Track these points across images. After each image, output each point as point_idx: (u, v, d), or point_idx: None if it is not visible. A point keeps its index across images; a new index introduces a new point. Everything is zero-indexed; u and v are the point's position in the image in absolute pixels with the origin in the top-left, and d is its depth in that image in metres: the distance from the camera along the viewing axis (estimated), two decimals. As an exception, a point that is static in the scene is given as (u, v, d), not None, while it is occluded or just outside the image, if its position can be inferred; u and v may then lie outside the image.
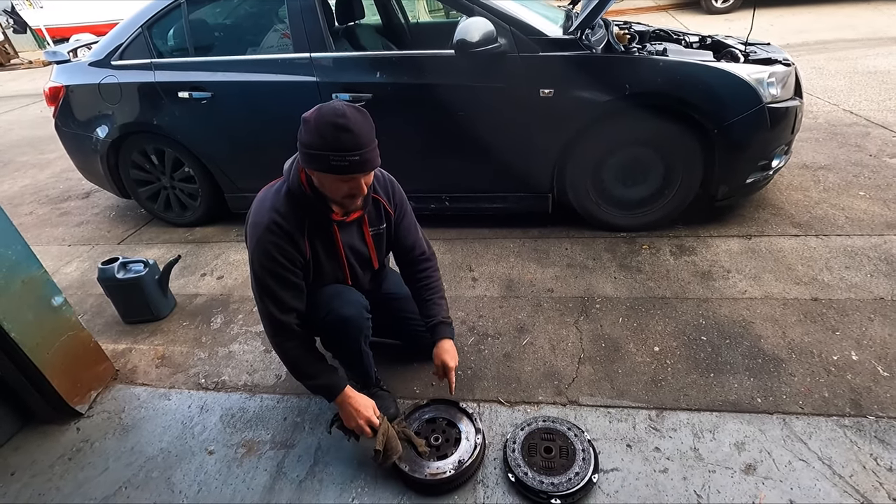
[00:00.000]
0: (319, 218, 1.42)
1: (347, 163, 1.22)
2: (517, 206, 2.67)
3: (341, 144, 1.21)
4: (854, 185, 2.81)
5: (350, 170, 1.24)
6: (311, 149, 1.24)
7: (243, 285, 2.55)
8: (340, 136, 1.20)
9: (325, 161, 1.23)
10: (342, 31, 2.98)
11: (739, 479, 1.39)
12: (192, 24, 2.76)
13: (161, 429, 1.77)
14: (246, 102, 2.69)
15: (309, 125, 1.23)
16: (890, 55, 5.03)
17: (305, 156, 1.27)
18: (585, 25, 2.25)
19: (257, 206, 1.42)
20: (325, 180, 1.30)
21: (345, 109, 1.22)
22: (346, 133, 1.20)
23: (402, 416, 1.62)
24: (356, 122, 1.22)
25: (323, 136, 1.21)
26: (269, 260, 1.37)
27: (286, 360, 1.50)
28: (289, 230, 1.36)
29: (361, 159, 1.24)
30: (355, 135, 1.21)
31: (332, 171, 1.24)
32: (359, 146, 1.22)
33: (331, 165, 1.23)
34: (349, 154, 1.21)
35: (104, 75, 2.85)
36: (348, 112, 1.22)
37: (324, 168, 1.25)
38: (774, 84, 2.27)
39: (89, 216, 3.60)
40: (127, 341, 2.24)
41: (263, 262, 1.37)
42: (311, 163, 1.26)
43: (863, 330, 1.85)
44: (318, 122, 1.21)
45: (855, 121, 3.65)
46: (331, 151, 1.21)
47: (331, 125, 1.20)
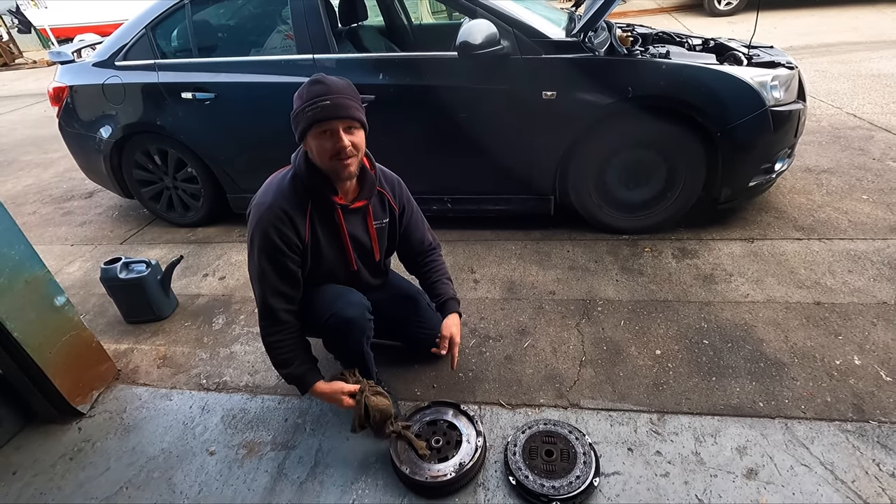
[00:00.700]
0: (323, 201, 1.44)
1: (319, 107, 1.28)
2: (519, 208, 2.67)
3: (313, 94, 1.29)
4: (857, 189, 2.80)
5: (322, 115, 1.29)
6: (294, 113, 1.33)
7: (245, 286, 2.56)
8: (313, 87, 1.30)
9: (304, 117, 1.30)
10: (345, 33, 2.99)
11: (741, 483, 1.39)
12: (195, 25, 2.77)
13: (162, 429, 1.78)
14: (249, 103, 2.69)
15: (296, 94, 1.33)
16: (894, 58, 5.02)
17: (294, 123, 1.34)
18: (588, 28, 2.25)
19: (263, 188, 1.47)
20: (313, 145, 1.35)
21: (323, 74, 1.34)
22: (318, 85, 1.30)
23: (404, 417, 1.62)
24: (330, 79, 1.32)
25: (301, 94, 1.31)
26: (266, 241, 1.39)
27: (268, 345, 1.52)
28: (290, 213, 1.40)
29: (333, 103, 1.29)
30: (327, 85, 1.30)
31: (308, 123, 1.31)
32: (328, 92, 1.29)
33: (307, 117, 1.30)
34: (320, 99, 1.28)
35: (108, 76, 2.86)
36: (325, 75, 1.33)
37: (305, 124, 1.31)
38: (777, 87, 2.27)
39: (92, 216, 3.61)
40: (129, 341, 2.24)
41: (262, 242, 1.40)
42: (297, 126, 1.33)
43: (865, 334, 1.84)
44: (302, 88, 1.33)
45: (858, 124, 3.64)
46: (306, 104, 1.29)
47: (307, 84, 1.32)
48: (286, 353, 1.51)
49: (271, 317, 1.47)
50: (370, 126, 2.62)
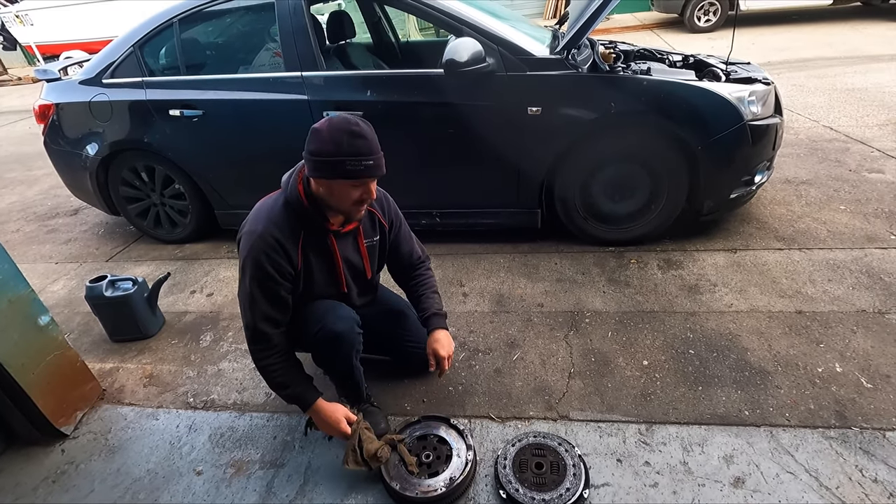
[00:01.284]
0: (316, 229, 1.44)
1: (363, 167, 1.28)
2: (507, 221, 2.70)
3: (356, 149, 1.27)
4: (835, 200, 2.87)
5: (365, 173, 1.30)
6: (324, 156, 1.28)
7: (233, 302, 2.54)
8: (355, 141, 1.27)
9: (341, 167, 1.28)
10: (333, 50, 3.02)
11: (728, 492, 1.40)
12: (183, 43, 2.78)
13: (148, 449, 1.75)
14: (237, 120, 2.71)
15: (321, 134, 1.28)
16: (867, 73, 5.19)
17: (317, 164, 1.30)
18: (572, 45, 2.31)
19: (254, 215, 1.45)
20: (335, 188, 1.33)
21: (356, 119, 1.30)
22: (361, 139, 1.28)
23: (394, 432, 1.61)
24: (367, 130, 1.30)
25: (338, 142, 1.26)
26: (259, 269, 1.38)
27: (262, 369, 1.50)
28: (282, 241, 1.39)
29: (375, 163, 1.31)
30: (369, 141, 1.29)
31: (347, 175, 1.29)
32: (372, 151, 1.30)
33: (346, 170, 1.28)
34: (364, 158, 1.28)
35: (95, 93, 2.86)
36: (360, 122, 1.30)
37: (339, 174, 1.29)
38: (755, 102, 2.33)
39: (77, 233, 3.58)
40: (114, 360, 2.21)
41: (254, 271, 1.39)
42: (324, 170, 1.30)
43: (846, 342, 1.88)
44: (332, 130, 1.27)
45: (835, 136, 3.75)
46: (347, 157, 1.27)
47: (345, 132, 1.27)
48: (281, 374, 1.49)
49: (263, 341, 1.46)
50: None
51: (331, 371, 1.67)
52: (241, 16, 2.99)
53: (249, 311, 1.43)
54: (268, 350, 1.47)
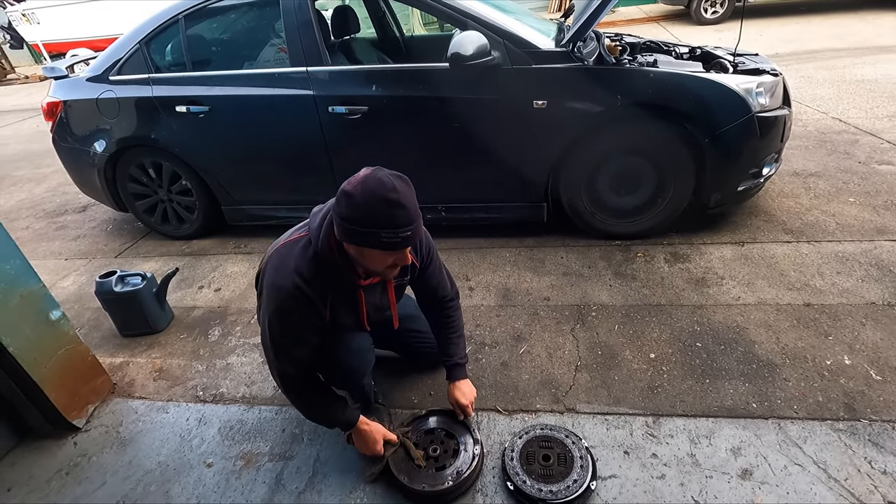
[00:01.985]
0: (344, 283, 1.36)
1: (400, 239, 1.15)
2: (513, 215, 2.70)
3: (394, 221, 1.13)
4: (844, 192, 2.85)
5: (401, 245, 1.18)
6: (357, 225, 1.15)
7: (241, 297, 2.56)
8: (393, 212, 1.12)
9: (375, 238, 1.15)
10: (338, 45, 3.02)
11: (736, 484, 1.40)
12: (189, 40, 2.79)
13: (159, 442, 1.77)
14: (243, 116, 2.71)
15: (354, 200, 1.13)
16: (876, 64, 5.12)
17: (349, 231, 1.17)
18: (577, 38, 2.29)
19: (279, 263, 1.32)
20: (367, 253, 1.22)
21: (393, 182, 1.13)
22: (399, 209, 1.13)
23: (401, 424, 1.62)
24: (406, 195, 1.14)
25: (373, 213, 1.12)
26: (288, 323, 1.33)
27: (302, 408, 1.49)
28: (312, 297, 1.29)
29: (413, 233, 1.17)
30: (408, 210, 1.14)
31: (381, 247, 1.17)
32: (410, 220, 1.15)
33: (381, 242, 1.15)
34: (402, 230, 1.14)
35: (102, 90, 2.88)
36: (398, 185, 1.13)
37: (372, 245, 1.17)
38: (763, 94, 2.31)
39: (86, 230, 3.61)
40: (124, 354, 2.23)
41: (281, 326, 1.33)
42: (356, 238, 1.18)
43: (855, 334, 1.87)
44: (367, 197, 1.12)
45: (844, 128, 3.71)
46: (382, 229, 1.13)
47: (382, 201, 1.12)
48: (324, 406, 1.48)
49: (299, 384, 1.44)
50: (364, 136, 2.65)
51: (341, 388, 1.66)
52: (245, 11, 2.99)
53: (277, 361, 1.38)
54: (304, 389, 1.46)
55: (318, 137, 2.62)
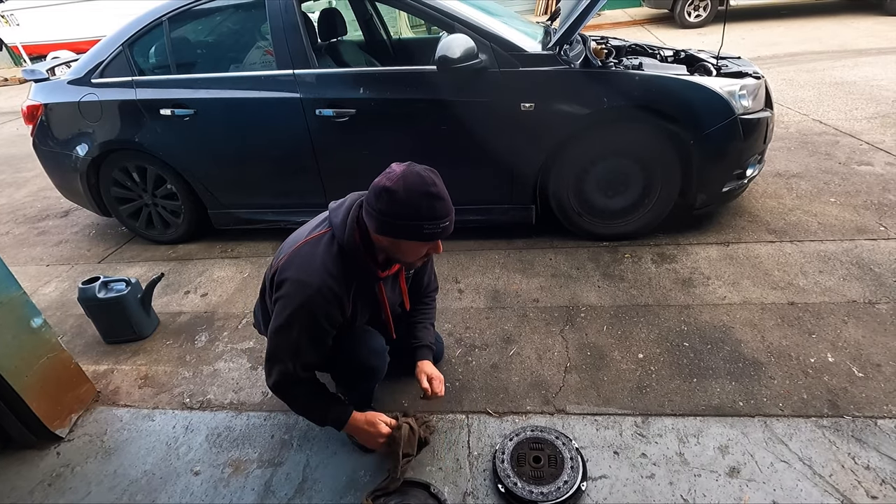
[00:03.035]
0: (367, 277, 1.38)
1: (441, 229, 1.22)
2: (501, 217, 2.71)
3: (436, 213, 1.20)
4: (825, 192, 2.90)
5: (441, 235, 1.24)
6: (401, 219, 1.20)
7: (228, 302, 2.53)
8: (435, 204, 1.19)
9: (418, 230, 1.21)
10: (325, 48, 3.01)
11: (724, 482, 1.42)
12: (173, 42, 2.76)
13: (145, 450, 1.74)
14: (229, 119, 2.69)
15: (397, 196, 1.17)
16: (855, 67, 5.24)
17: (391, 225, 1.21)
18: (564, 41, 2.31)
19: (304, 261, 1.32)
20: (404, 245, 1.27)
21: (432, 177, 1.20)
22: (440, 201, 1.20)
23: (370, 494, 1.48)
24: (442, 187, 1.21)
25: (417, 206, 1.18)
26: (313, 322, 1.32)
27: (295, 406, 1.47)
28: (339, 294, 1.31)
29: (451, 223, 1.24)
30: (446, 202, 1.22)
31: (423, 238, 1.23)
32: (449, 211, 1.23)
33: (423, 234, 1.21)
34: (442, 221, 1.21)
35: (84, 93, 2.83)
36: (435, 179, 1.20)
37: (415, 236, 1.22)
38: (746, 96, 2.35)
39: (68, 235, 3.54)
40: (109, 362, 2.20)
41: (306, 323, 1.31)
42: (398, 232, 1.22)
43: (837, 332, 1.90)
44: (410, 192, 1.17)
45: (824, 130, 3.78)
46: (425, 221, 1.20)
47: (425, 195, 1.18)
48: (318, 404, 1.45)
49: (299, 384, 1.41)
50: (352, 139, 2.65)
51: (349, 391, 1.66)
52: (231, 14, 2.96)
53: (291, 361, 1.36)
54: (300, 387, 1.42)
55: (305, 140, 2.60)
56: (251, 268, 2.82)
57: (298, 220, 2.86)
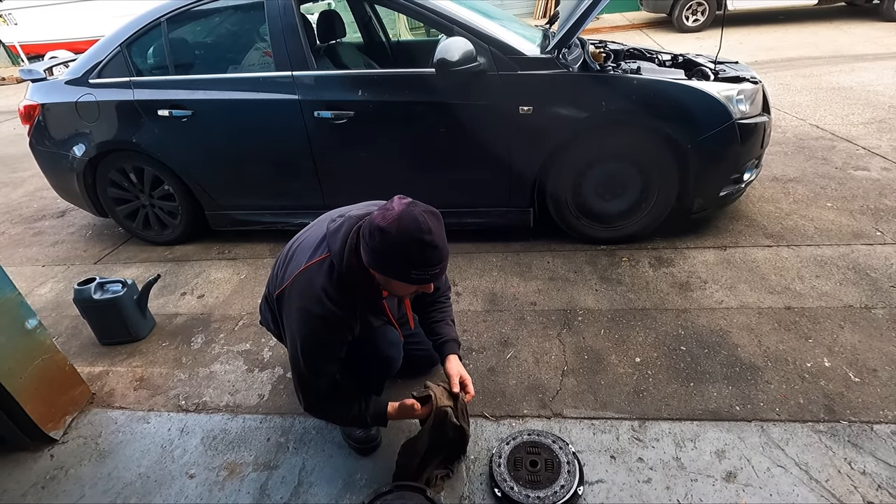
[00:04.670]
0: (371, 300, 1.39)
1: (429, 276, 1.21)
2: (499, 220, 2.70)
3: (427, 261, 1.18)
4: (822, 197, 2.91)
5: (430, 281, 1.24)
6: (390, 259, 1.19)
7: (224, 304, 2.52)
8: (426, 253, 1.16)
9: (406, 274, 1.20)
10: (324, 50, 3.01)
11: (721, 486, 1.42)
12: (172, 43, 2.75)
13: (139, 453, 1.73)
14: (227, 120, 2.68)
15: (389, 237, 1.15)
16: (852, 72, 5.26)
17: (380, 263, 1.21)
18: (562, 45, 2.32)
19: (305, 288, 1.32)
20: (395, 284, 1.27)
21: (428, 223, 1.15)
22: (432, 250, 1.17)
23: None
24: (439, 234, 1.18)
25: (407, 252, 1.16)
26: (323, 347, 1.36)
27: (335, 418, 1.54)
28: (345, 317, 1.33)
29: (441, 270, 1.22)
30: (440, 250, 1.18)
31: (410, 282, 1.22)
32: (441, 259, 1.20)
33: (411, 278, 1.20)
34: (432, 269, 1.20)
35: (82, 93, 2.82)
36: (432, 225, 1.16)
37: (402, 279, 1.22)
38: (743, 101, 2.36)
39: (64, 235, 3.53)
40: (104, 363, 2.18)
41: (315, 348, 1.35)
42: (386, 271, 1.22)
43: (834, 337, 1.91)
44: (402, 236, 1.14)
45: (821, 135, 3.80)
46: (414, 267, 1.18)
47: (417, 242, 1.15)
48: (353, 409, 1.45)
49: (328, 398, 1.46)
50: (350, 141, 2.64)
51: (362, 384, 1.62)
52: (229, 15, 2.96)
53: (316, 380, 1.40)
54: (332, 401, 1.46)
55: (303, 142, 2.60)
56: (248, 269, 2.81)
57: (296, 221, 2.86)
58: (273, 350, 2.13)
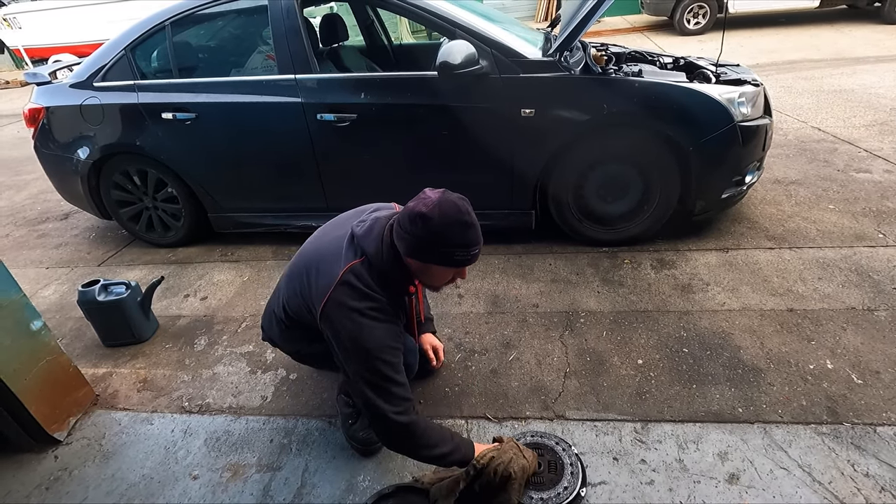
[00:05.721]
0: (401, 294, 1.40)
1: (471, 256, 1.26)
2: (501, 223, 2.71)
3: (468, 241, 1.24)
4: (824, 199, 2.91)
5: (471, 261, 1.28)
6: (434, 245, 1.23)
7: (227, 306, 2.53)
8: (468, 232, 1.23)
9: (449, 256, 1.24)
10: (326, 53, 3.03)
11: (724, 488, 1.42)
12: (176, 46, 2.77)
13: (143, 454, 1.74)
14: (231, 123, 2.70)
15: (432, 222, 1.19)
16: (853, 74, 5.27)
17: (423, 249, 1.24)
18: (564, 47, 2.33)
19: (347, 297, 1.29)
20: (433, 270, 1.30)
21: (466, 205, 1.23)
22: (473, 229, 1.24)
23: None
24: (474, 216, 1.25)
25: (450, 233, 1.21)
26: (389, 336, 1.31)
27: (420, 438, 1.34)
28: (394, 310, 1.35)
29: (479, 251, 1.28)
30: (478, 230, 1.25)
31: (453, 264, 1.27)
32: (480, 239, 1.27)
33: (454, 260, 1.25)
34: (473, 248, 1.25)
35: (86, 97, 2.84)
36: (469, 208, 1.24)
37: (446, 262, 1.26)
38: (745, 103, 2.36)
39: (68, 238, 3.54)
40: (108, 365, 2.19)
41: (384, 341, 1.30)
42: (430, 257, 1.26)
43: (837, 339, 1.90)
44: (445, 219, 1.20)
45: (822, 137, 3.80)
46: (458, 248, 1.23)
47: (459, 224, 1.21)
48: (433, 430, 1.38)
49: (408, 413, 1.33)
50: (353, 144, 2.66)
51: None
52: (233, 18, 2.98)
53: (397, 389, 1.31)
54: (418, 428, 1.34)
55: (306, 145, 2.61)
56: (251, 272, 2.82)
57: (298, 224, 2.87)
58: (276, 352, 2.14)
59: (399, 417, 1.30)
